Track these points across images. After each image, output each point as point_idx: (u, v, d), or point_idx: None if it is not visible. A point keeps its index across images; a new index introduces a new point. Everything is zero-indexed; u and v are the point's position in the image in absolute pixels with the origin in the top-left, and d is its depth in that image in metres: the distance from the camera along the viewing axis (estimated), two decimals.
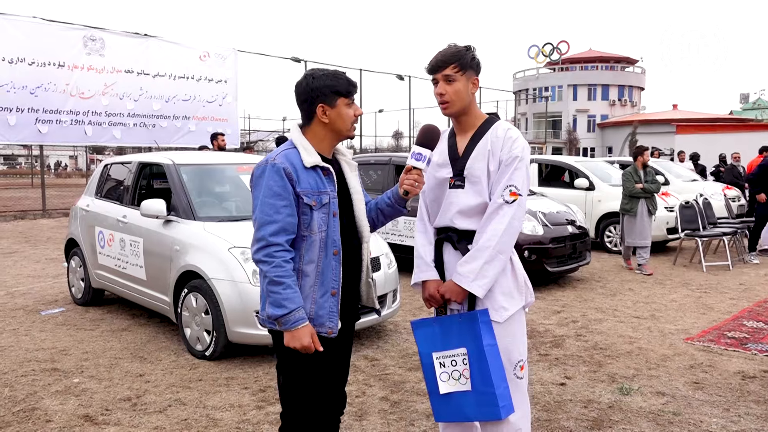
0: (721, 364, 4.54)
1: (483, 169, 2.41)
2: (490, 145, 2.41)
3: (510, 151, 2.37)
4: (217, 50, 19.02)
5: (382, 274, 5.03)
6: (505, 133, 2.41)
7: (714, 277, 8.02)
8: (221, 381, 4.19)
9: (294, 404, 2.39)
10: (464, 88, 2.42)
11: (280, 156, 2.30)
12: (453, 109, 2.44)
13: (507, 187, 2.35)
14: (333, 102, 2.33)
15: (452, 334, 2.40)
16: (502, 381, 2.32)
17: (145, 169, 5.91)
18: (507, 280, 2.42)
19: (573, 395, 3.97)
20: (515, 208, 2.34)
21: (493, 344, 2.32)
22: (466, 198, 2.44)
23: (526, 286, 2.49)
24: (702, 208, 9.31)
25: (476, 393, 2.32)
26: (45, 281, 7.59)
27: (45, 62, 15.45)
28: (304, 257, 2.30)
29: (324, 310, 2.32)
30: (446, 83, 2.41)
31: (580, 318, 5.93)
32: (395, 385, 4.15)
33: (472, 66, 2.43)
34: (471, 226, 2.43)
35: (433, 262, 2.53)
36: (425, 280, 2.53)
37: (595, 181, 10.34)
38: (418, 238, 2.61)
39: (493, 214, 2.35)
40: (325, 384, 2.43)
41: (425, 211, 2.61)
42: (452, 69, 2.40)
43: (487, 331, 2.32)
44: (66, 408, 3.75)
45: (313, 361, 2.32)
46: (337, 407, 2.59)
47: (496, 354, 2.32)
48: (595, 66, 60.90)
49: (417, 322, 2.50)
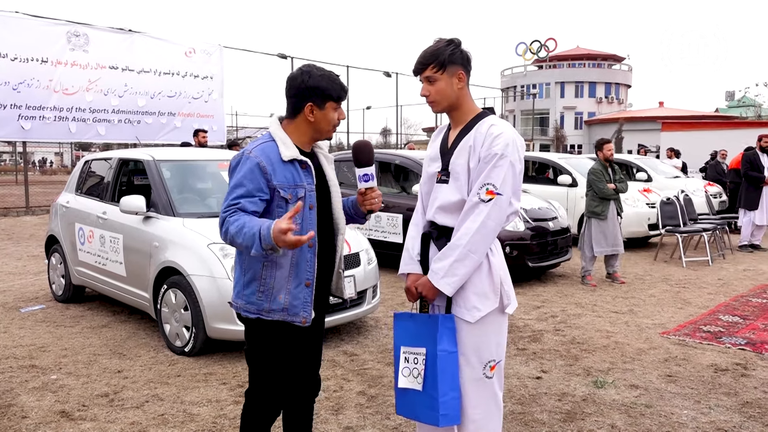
0: (694, 358, 4.61)
1: (463, 165, 2.40)
2: (473, 141, 2.39)
3: (489, 148, 2.32)
4: (203, 46, 18.91)
5: (362, 270, 5.05)
6: (488, 129, 2.36)
7: (693, 273, 8.12)
8: (200, 377, 4.20)
9: (260, 386, 2.45)
10: (447, 86, 2.40)
11: (256, 149, 2.34)
12: (439, 107, 2.46)
13: (484, 185, 2.31)
14: (323, 104, 2.37)
15: (420, 332, 2.42)
16: (450, 390, 2.32)
17: (125, 166, 5.89)
18: (481, 280, 2.38)
19: (548, 389, 4.02)
20: (490, 207, 2.29)
21: (450, 351, 2.33)
22: (448, 193, 2.44)
23: (504, 288, 2.43)
24: (683, 204, 9.42)
25: (425, 394, 2.35)
26: (26, 278, 7.55)
27: (28, 58, 15.27)
28: None
29: (298, 300, 2.36)
30: (429, 84, 2.42)
31: (559, 313, 6.00)
32: (373, 379, 4.18)
33: (454, 61, 2.39)
34: (450, 222, 2.43)
35: (418, 256, 2.54)
36: (408, 273, 2.56)
37: (578, 177, 10.41)
38: (409, 229, 2.63)
39: (468, 212, 2.33)
40: (293, 369, 2.50)
41: (421, 204, 2.62)
42: (431, 70, 2.39)
43: (447, 337, 2.33)
44: (42, 404, 3.75)
45: (283, 348, 2.39)
46: (311, 391, 2.67)
47: (451, 361, 2.33)
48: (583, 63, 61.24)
49: (399, 314, 2.52)
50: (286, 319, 2.36)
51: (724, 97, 72.48)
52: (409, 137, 44.64)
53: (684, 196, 9.77)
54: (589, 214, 7.39)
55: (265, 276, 2.34)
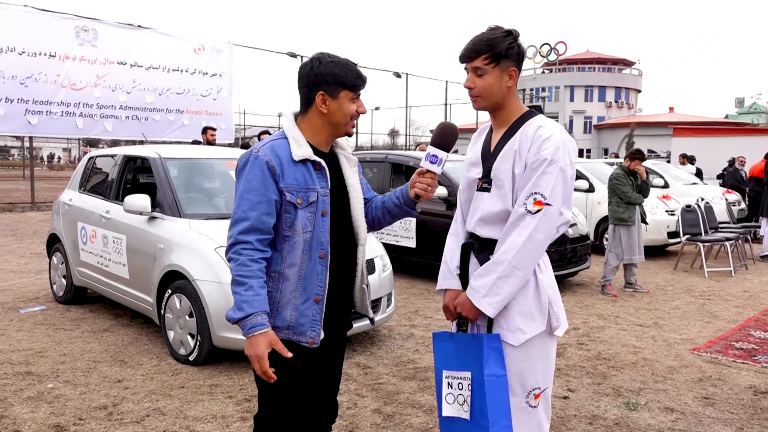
0: (730, 378, 4.33)
1: (508, 172, 2.13)
2: (518, 145, 2.12)
3: (538, 153, 2.05)
4: (212, 43, 18.72)
5: (377, 278, 4.79)
6: (535, 131, 2.09)
7: (716, 284, 7.82)
8: (204, 389, 3.95)
9: (269, 411, 2.20)
10: (497, 82, 2.13)
11: (265, 147, 2.09)
12: (482, 104, 2.18)
13: (531, 194, 2.05)
14: (336, 93, 2.10)
15: (463, 354, 2.14)
16: (501, 417, 2.06)
17: (130, 163, 5.65)
18: (527, 299, 2.13)
19: (577, 410, 3.75)
20: (539, 219, 2.03)
21: (498, 375, 2.07)
22: (490, 203, 2.18)
23: (552, 308, 2.17)
24: (704, 212, 9.12)
25: (474, 424, 2.08)
26: (27, 277, 7.32)
27: (36, 52, 15.11)
28: (285, 260, 2.09)
29: (305, 318, 2.10)
30: (476, 75, 2.14)
31: (581, 325, 5.72)
32: (389, 396, 3.92)
33: (509, 56, 2.11)
34: (492, 234, 2.17)
35: (458, 269, 2.28)
36: (446, 289, 2.30)
37: (595, 182, 10.13)
38: (448, 240, 2.36)
39: (514, 224, 2.07)
40: (306, 394, 2.23)
41: (460, 212, 2.35)
42: (483, 60, 2.11)
43: (494, 359, 2.07)
44: (36, 416, 3.50)
45: (291, 371, 2.11)
46: (327, 417, 2.40)
47: (500, 386, 2.07)
48: (593, 67, 60.75)
49: (437, 334, 2.25)
50: (292, 338, 2.09)
51: (734, 104, 71.94)
52: (416, 139, 44.33)
53: (704, 203, 9.47)
54: (615, 221, 7.12)
55: (271, 289, 2.08)
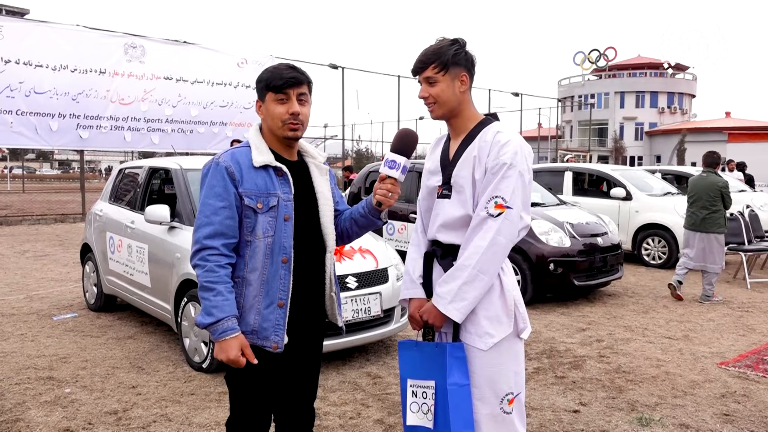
0: (756, 394, 4.12)
1: (468, 178, 2.16)
2: (477, 151, 2.15)
3: (497, 157, 2.10)
4: (255, 57, 19.14)
5: (390, 287, 4.78)
6: (494, 136, 2.14)
7: (759, 295, 7.47)
8: (213, 396, 4.01)
9: (238, 416, 2.23)
10: (448, 89, 2.18)
11: (226, 154, 2.16)
12: (439, 112, 2.22)
13: (492, 198, 2.08)
14: (263, 96, 2.17)
15: (427, 363, 2.15)
16: (465, 427, 2.04)
17: (155, 174, 5.82)
18: (493, 303, 2.14)
19: (585, 425, 3.64)
20: (501, 222, 2.06)
21: (461, 384, 2.05)
22: (451, 209, 2.20)
23: (518, 310, 2.19)
24: (748, 220, 8.75)
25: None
26: (66, 285, 7.61)
27: (87, 69, 15.75)
28: (248, 264, 2.12)
29: (269, 322, 2.12)
30: (428, 85, 2.19)
31: (606, 337, 5.55)
32: (394, 406, 3.89)
33: (457, 62, 2.17)
34: (454, 239, 2.19)
35: (421, 278, 2.30)
36: (410, 298, 2.31)
37: (633, 190, 9.85)
38: (409, 250, 2.40)
39: (476, 228, 2.09)
40: (274, 400, 2.26)
41: (420, 222, 2.38)
42: (432, 70, 2.17)
43: (457, 368, 2.06)
44: (49, 420, 3.63)
45: (256, 376, 2.14)
46: (303, 425, 2.40)
47: (463, 395, 2.05)
48: (644, 73, 59.33)
49: (403, 342, 2.27)
50: (256, 342, 2.12)
51: None
52: None
53: (749, 211, 9.08)
54: (713, 229, 7.00)
55: (235, 294, 2.11)
